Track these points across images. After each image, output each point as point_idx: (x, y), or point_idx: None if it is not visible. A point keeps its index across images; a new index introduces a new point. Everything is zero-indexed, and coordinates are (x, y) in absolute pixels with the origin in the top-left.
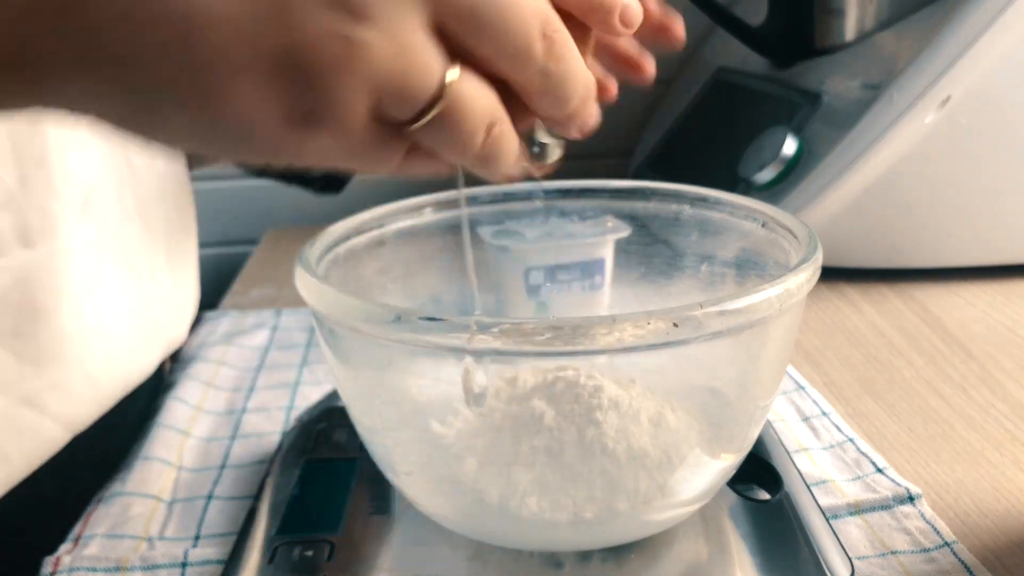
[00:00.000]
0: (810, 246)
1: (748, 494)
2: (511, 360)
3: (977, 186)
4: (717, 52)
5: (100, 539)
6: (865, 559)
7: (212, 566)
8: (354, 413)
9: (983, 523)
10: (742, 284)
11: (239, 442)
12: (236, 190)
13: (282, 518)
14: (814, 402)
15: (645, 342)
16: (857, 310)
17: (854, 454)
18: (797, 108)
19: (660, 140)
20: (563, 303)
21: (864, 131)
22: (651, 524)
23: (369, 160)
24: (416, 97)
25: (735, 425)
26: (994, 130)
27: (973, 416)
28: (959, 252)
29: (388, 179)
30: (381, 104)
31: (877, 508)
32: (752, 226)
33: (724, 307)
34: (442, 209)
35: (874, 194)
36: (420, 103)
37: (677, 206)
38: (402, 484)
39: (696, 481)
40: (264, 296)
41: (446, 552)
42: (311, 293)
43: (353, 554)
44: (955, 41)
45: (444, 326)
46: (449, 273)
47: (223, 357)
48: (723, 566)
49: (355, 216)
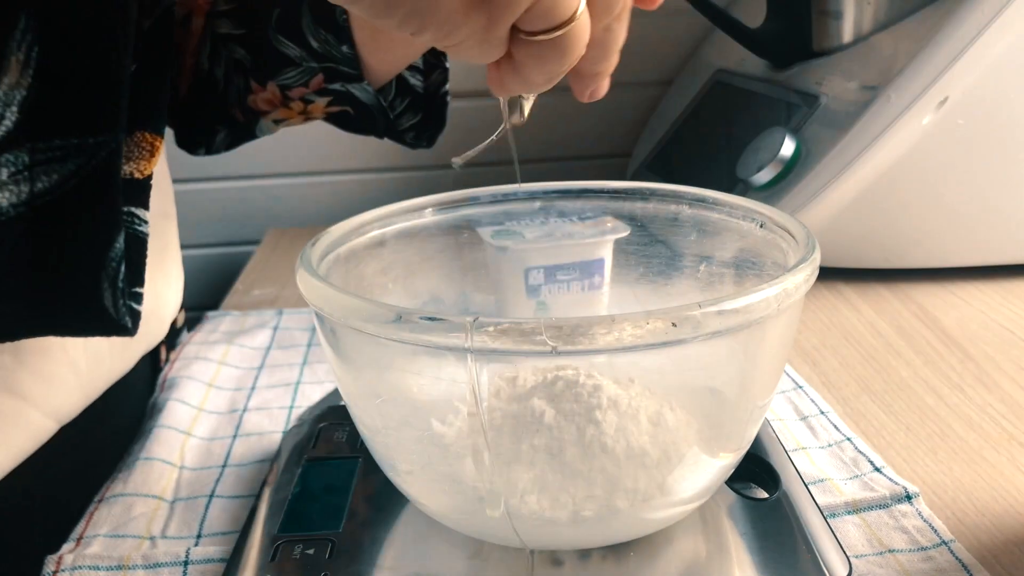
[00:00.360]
0: (808, 246)
1: (746, 493)
2: (511, 360)
3: (974, 187)
4: (716, 54)
5: (102, 539)
6: (863, 557)
7: (214, 564)
8: (355, 412)
9: (980, 522)
10: (740, 284)
11: (241, 441)
12: (237, 190)
13: (283, 516)
14: (812, 401)
15: (644, 342)
16: (855, 310)
17: (852, 453)
18: (795, 109)
19: (659, 141)
20: (562, 303)
21: (862, 132)
22: (650, 522)
23: (485, 50)
24: (559, 16)
25: (733, 424)
26: (991, 131)
27: (970, 415)
28: (957, 252)
29: (388, 179)
30: (530, 11)
31: (875, 507)
32: (750, 226)
33: (723, 307)
34: (443, 210)
35: (872, 195)
36: (557, 21)
37: (676, 207)
38: (403, 483)
39: (695, 480)
40: (265, 296)
41: (446, 550)
42: (312, 293)
43: (354, 552)
44: (952, 42)
45: (444, 326)
46: (449, 273)
47: (224, 357)
48: (722, 564)
49: (356, 216)
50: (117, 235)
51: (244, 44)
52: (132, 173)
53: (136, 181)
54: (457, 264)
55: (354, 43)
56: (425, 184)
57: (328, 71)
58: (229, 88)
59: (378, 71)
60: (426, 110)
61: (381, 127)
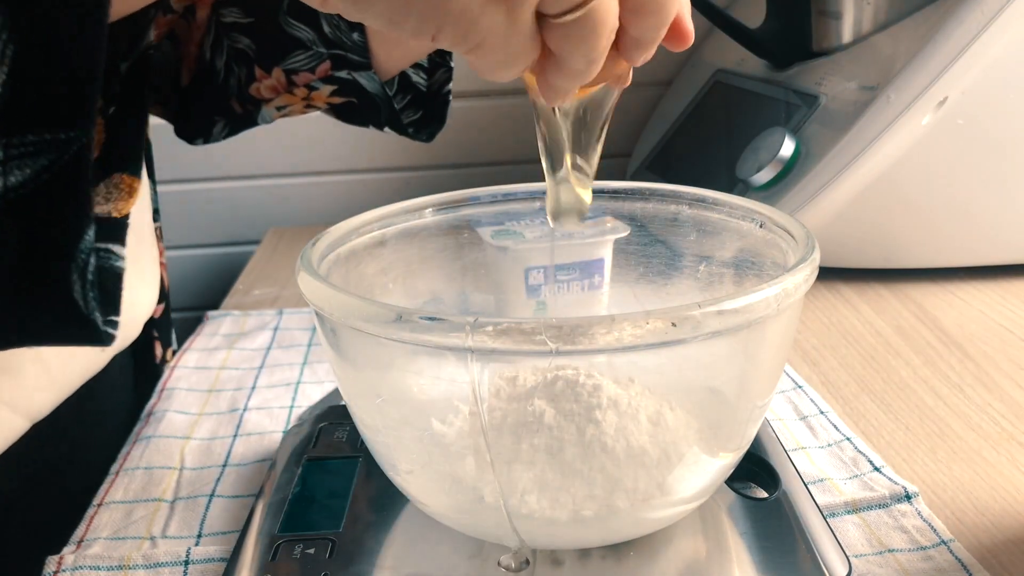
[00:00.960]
0: (807, 246)
1: (746, 492)
2: (511, 359)
3: (974, 187)
4: (715, 54)
5: (103, 541)
6: (862, 557)
7: (214, 564)
8: (355, 412)
9: (980, 521)
10: (740, 284)
11: (241, 440)
12: (237, 190)
13: (284, 516)
14: (812, 401)
15: (644, 341)
16: (854, 310)
17: (851, 453)
18: (794, 109)
19: (659, 141)
20: (562, 303)
21: (861, 132)
22: (650, 522)
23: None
24: None
25: (733, 424)
26: (991, 131)
27: (970, 415)
28: (956, 252)
29: (388, 179)
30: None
31: (874, 506)
32: (750, 226)
33: (722, 307)
34: (443, 210)
35: (871, 195)
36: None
37: (676, 207)
38: (403, 483)
39: (695, 479)
40: (266, 296)
41: (446, 550)
42: (313, 293)
43: (354, 552)
44: (952, 43)
45: (444, 326)
46: (449, 273)
47: (225, 357)
48: (721, 564)
49: (356, 216)
50: (87, 227)
51: (250, 32)
52: (110, 213)
53: (114, 220)
54: (457, 264)
55: (365, 31)
56: (425, 184)
57: (336, 58)
58: (229, 79)
59: (386, 64)
60: (427, 108)
61: (384, 118)
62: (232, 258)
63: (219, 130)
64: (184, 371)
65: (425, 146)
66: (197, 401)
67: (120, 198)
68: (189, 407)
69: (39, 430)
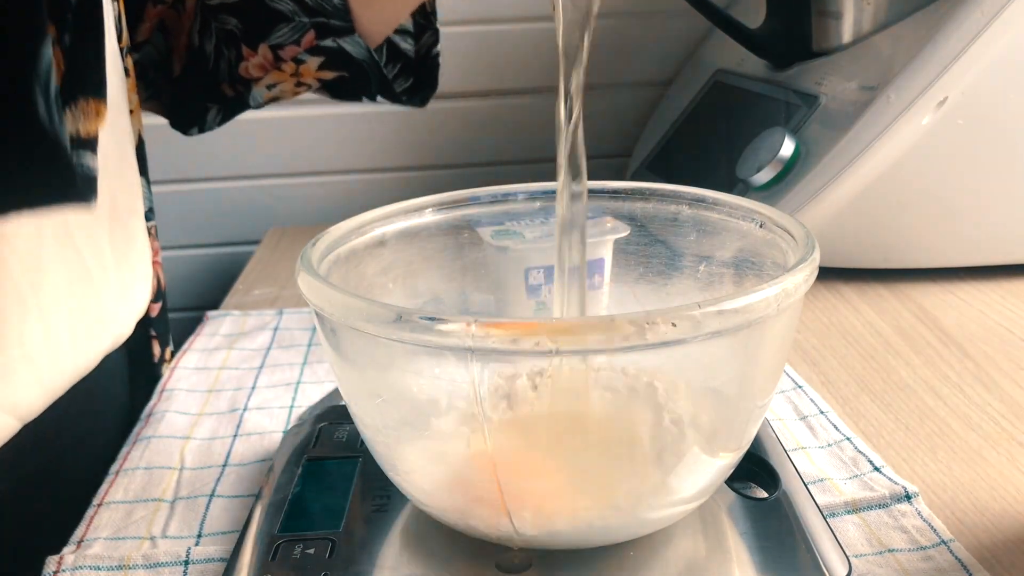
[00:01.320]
0: (807, 246)
1: (746, 492)
2: (511, 359)
3: (974, 187)
4: (715, 54)
5: (103, 541)
6: (862, 557)
7: (214, 564)
8: (355, 412)
9: (980, 521)
10: (740, 284)
11: (241, 440)
12: (237, 190)
13: (284, 516)
14: (812, 401)
15: (644, 341)
16: (854, 310)
17: (851, 453)
18: (795, 109)
19: (659, 141)
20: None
21: (861, 132)
22: (650, 522)
23: None
24: None
25: (733, 424)
26: (991, 131)
27: (970, 415)
28: (956, 252)
29: (388, 179)
30: None
31: (874, 506)
32: (750, 226)
33: (722, 307)
34: (443, 210)
35: (871, 195)
36: None
37: (676, 207)
38: (403, 482)
39: (694, 479)
40: (266, 296)
41: (446, 550)
42: (313, 293)
43: (354, 552)
44: (952, 43)
45: (444, 325)
46: (450, 273)
47: (225, 357)
48: (721, 564)
49: (356, 216)
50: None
51: (236, 11)
52: (79, 132)
53: (83, 139)
54: (457, 264)
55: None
56: (425, 184)
57: (319, 26)
58: (219, 62)
59: (370, 27)
60: (417, 73)
61: (375, 87)
62: (232, 258)
63: (213, 116)
64: (184, 371)
65: (425, 146)
66: (197, 401)
67: (88, 120)
68: (189, 407)
69: (37, 430)
